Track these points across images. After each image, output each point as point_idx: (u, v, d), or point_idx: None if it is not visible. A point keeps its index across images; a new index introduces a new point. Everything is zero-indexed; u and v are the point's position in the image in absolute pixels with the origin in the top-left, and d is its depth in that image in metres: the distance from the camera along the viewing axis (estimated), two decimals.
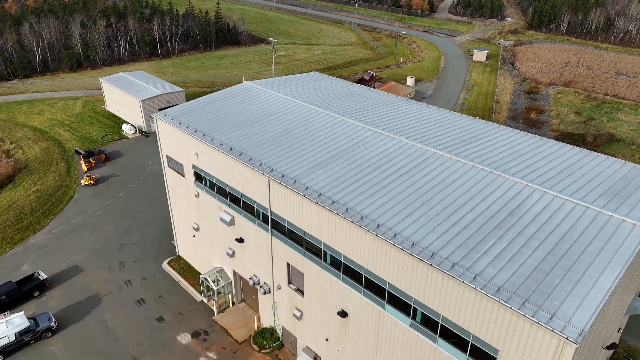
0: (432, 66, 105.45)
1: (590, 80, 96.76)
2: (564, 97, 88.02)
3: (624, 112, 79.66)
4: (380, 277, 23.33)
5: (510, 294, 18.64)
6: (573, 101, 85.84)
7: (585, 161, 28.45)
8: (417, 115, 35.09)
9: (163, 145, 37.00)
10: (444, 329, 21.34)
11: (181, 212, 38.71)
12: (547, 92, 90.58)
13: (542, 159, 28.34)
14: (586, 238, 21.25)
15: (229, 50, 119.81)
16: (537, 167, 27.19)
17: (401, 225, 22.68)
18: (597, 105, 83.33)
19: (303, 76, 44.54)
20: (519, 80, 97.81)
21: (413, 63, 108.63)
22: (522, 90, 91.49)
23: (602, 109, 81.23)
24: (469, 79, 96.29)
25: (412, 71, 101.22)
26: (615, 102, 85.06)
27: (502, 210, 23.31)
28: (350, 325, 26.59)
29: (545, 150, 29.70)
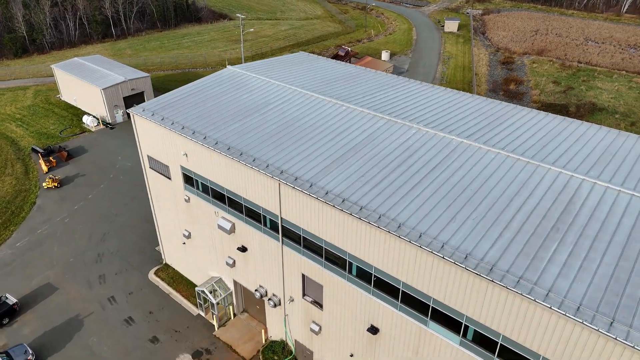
0: (405, 39, 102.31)
1: (561, 48, 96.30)
2: (540, 66, 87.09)
3: (600, 79, 79.45)
4: (422, 292, 20.48)
5: (593, 312, 16.17)
6: (549, 70, 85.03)
7: (618, 143, 26.28)
8: (426, 97, 31.99)
9: (143, 144, 32.47)
10: (504, 348, 18.82)
11: (168, 218, 34.56)
12: (523, 62, 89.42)
13: (576, 143, 25.97)
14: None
15: (190, 28, 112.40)
16: (575, 153, 24.79)
17: (446, 233, 19.78)
18: (573, 73, 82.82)
19: (290, 58, 40.46)
20: (493, 50, 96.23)
21: (384, 36, 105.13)
22: (497, 61, 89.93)
23: (578, 77, 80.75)
24: (444, 51, 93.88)
25: (385, 45, 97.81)
26: (590, 69, 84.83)
27: (554, 207, 20.76)
28: (381, 341, 23.84)
29: (574, 132, 27.34)
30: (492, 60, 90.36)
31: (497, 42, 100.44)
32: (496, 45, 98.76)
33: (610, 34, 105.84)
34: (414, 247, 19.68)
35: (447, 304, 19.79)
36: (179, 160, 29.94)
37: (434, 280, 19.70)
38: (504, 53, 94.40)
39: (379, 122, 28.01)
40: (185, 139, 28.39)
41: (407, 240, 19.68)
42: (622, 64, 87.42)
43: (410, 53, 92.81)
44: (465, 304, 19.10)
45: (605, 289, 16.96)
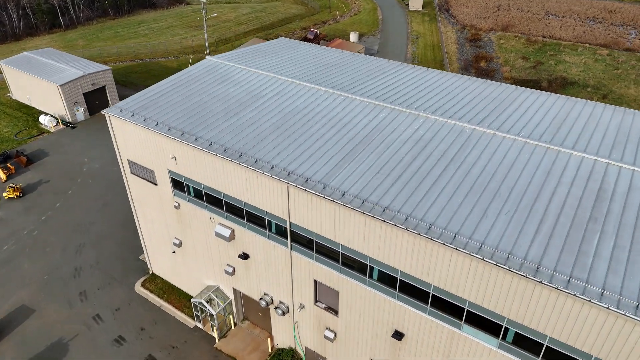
0: (371, 19, 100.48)
1: (525, 23, 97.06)
2: (507, 42, 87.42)
3: (566, 53, 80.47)
4: (457, 295, 19.18)
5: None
6: (516, 46, 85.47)
7: (627, 122, 25.66)
8: (424, 82, 30.46)
9: (122, 148, 29.47)
10: (550, 350, 17.82)
11: (154, 226, 31.84)
12: (489, 39, 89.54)
13: (587, 124, 25.15)
14: None
15: (145, 14, 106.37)
16: (591, 135, 23.95)
17: (480, 231, 18.44)
18: (539, 48, 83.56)
19: (271, 45, 37.90)
20: (459, 28, 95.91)
21: (350, 17, 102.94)
22: (465, 39, 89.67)
23: (545, 51, 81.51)
24: (412, 31, 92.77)
25: (352, 26, 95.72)
26: (555, 43, 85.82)
27: (585, 195, 19.78)
28: (406, 346, 22.53)
29: (581, 113, 26.53)
30: (460, 38, 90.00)
31: (462, 19, 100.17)
32: (462, 23, 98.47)
33: (569, 7, 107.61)
34: (449, 249, 18.26)
35: (485, 306, 18.57)
36: (167, 164, 27.28)
37: (471, 283, 18.40)
38: (470, 30, 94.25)
39: (383, 112, 26.29)
40: (173, 141, 25.76)
41: (440, 243, 18.23)
42: (584, 36, 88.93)
43: (378, 33, 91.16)
44: (507, 306, 17.92)
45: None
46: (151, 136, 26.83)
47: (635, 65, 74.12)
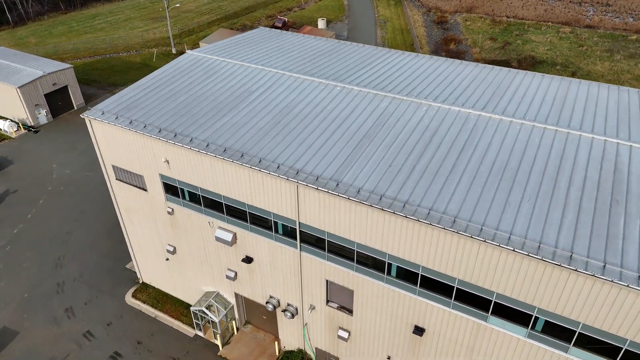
0: (336, 4, 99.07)
1: (488, 3, 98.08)
2: (473, 23, 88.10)
3: (531, 32, 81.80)
4: (484, 288, 18.75)
5: None
6: (482, 27, 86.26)
7: (623, 98, 25.84)
8: (417, 68, 29.79)
9: (105, 153, 27.46)
10: (583, 336, 17.68)
11: (144, 233, 30.06)
12: (456, 21, 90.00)
13: (587, 104, 25.12)
14: None
15: (100, 7, 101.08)
16: (593, 115, 23.90)
17: (506, 221, 17.99)
18: (505, 28, 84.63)
19: (251, 35, 36.25)
20: (425, 10, 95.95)
21: (315, 3, 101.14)
22: (431, 21, 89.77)
23: (510, 31, 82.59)
24: (378, 15, 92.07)
25: (318, 12, 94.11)
26: (519, 23, 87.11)
27: (603, 177, 19.65)
28: (427, 341, 22.07)
29: (578, 92, 26.53)
30: (427, 20, 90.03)
31: (427, 2, 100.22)
32: (427, 5, 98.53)
33: None
34: (476, 242, 17.74)
35: (514, 297, 18.22)
36: (158, 168, 25.59)
37: (500, 274, 17.98)
38: (436, 12, 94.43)
39: (383, 102, 25.45)
40: (165, 143, 24.10)
41: (467, 236, 17.67)
42: (546, 15, 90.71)
43: (345, 19, 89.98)
44: (538, 295, 17.61)
45: None
46: (140, 139, 25.04)
47: (598, 41, 76.15)
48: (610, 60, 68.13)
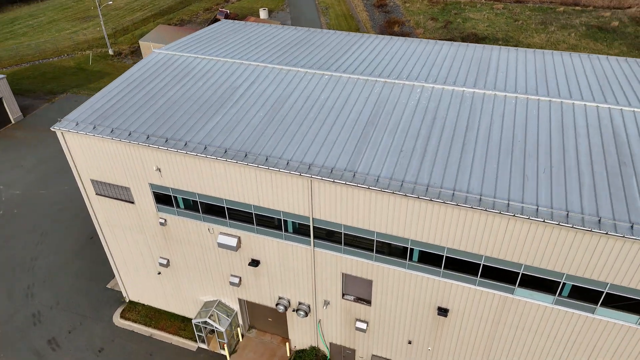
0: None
1: None
2: (412, 5, 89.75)
3: (468, 10, 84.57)
4: (512, 262, 19.06)
5: None
6: (421, 8, 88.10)
7: (587, 65, 27.17)
8: (396, 51, 29.71)
9: (82, 167, 25.16)
10: (609, 296, 18.46)
11: (129, 248, 28.04)
12: (395, 3, 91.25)
13: (568, 74, 26.15)
14: None
15: (17, 10, 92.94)
16: (577, 84, 24.90)
17: (529, 193, 18.31)
18: (443, 8, 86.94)
19: (215, 29, 34.52)
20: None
21: None
22: (372, 5, 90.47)
23: (449, 10, 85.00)
24: (319, 2, 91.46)
25: (257, 2, 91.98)
26: (455, 2, 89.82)
27: (606, 143, 20.50)
28: (450, 321, 22.26)
29: (551, 62, 27.58)
30: (367, 5, 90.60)
31: None
32: None
33: None
34: (505, 217, 17.94)
35: (542, 267, 18.67)
36: (148, 178, 23.79)
37: (529, 246, 18.33)
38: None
39: (375, 87, 25.11)
40: (156, 150, 22.39)
41: (496, 212, 17.81)
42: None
43: (286, 8, 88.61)
44: (567, 262, 18.13)
45: None
46: (125, 149, 23.11)
47: (530, 15, 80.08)
48: (546, 32, 71.92)
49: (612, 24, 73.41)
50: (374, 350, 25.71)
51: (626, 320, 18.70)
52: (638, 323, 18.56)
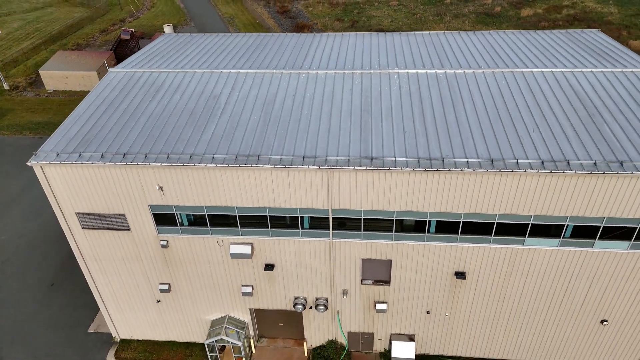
0: (172, 9, 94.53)
1: None
2: (314, 9, 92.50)
3: (369, 9, 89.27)
4: (522, 214, 21.19)
5: None
6: (324, 11, 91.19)
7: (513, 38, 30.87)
8: (353, 45, 31.18)
9: (65, 201, 23.03)
10: (605, 229, 21.30)
11: (121, 281, 26.15)
12: (298, 8, 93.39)
13: (507, 47, 29.40)
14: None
15: None
16: (523, 53, 28.13)
17: (530, 150, 20.55)
18: (344, 9, 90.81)
19: (161, 44, 33.28)
20: (264, 3, 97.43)
21: (148, 10, 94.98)
22: (276, 12, 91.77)
23: (351, 11, 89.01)
24: (222, 13, 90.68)
25: (157, 19, 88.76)
26: (354, 3, 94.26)
27: (571, 98, 23.54)
28: (467, 283, 24.00)
29: (486, 39, 30.84)
30: (271, 12, 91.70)
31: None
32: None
33: None
34: (517, 174, 19.93)
35: (549, 214, 21.01)
36: (147, 199, 22.52)
37: (537, 198, 20.51)
38: (276, 3, 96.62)
39: (355, 79, 26.21)
40: (159, 168, 21.34)
41: (509, 171, 19.76)
42: None
43: (190, 22, 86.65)
44: (570, 206, 20.61)
45: None
46: (120, 173, 21.68)
47: (424, 9, 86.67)
48: (443, 22, 78.40)
49: (495, 9, 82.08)
50: (393, 329, 26.73)
51: (619, 247, 21.71)
52: (628, 248, 21.64)
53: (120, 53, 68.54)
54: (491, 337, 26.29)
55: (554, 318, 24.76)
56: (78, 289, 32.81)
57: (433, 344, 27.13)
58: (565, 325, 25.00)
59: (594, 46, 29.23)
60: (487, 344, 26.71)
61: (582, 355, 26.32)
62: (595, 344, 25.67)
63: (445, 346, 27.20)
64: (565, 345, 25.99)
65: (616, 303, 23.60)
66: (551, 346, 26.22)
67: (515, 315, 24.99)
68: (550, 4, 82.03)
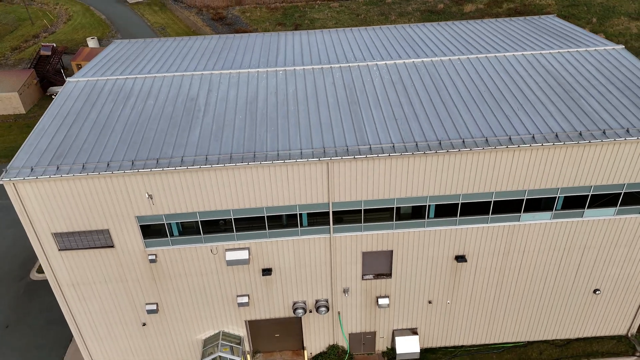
0: (93, 21, 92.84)
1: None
2: (252, 14, 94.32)
3: (310, 12, 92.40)
4: (517, 190, 23.63)
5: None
6: (262, 16, 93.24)
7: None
8: (323, 41, 33.17)
9: (40, 221, 22.76)
10: (593, 198, 24.18)
11: (102, 306, 25.91)
12: (234, 15, 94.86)
13: (462, 35, 32.54)
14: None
15: None
16: (480, 39, 31.26)
17: (517, 125, 23.10)
18: (283, 12, 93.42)
19: (116, 51, 33.46)
20: (196, 10, 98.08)
21: (64, 24, 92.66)
22: (210, 20, 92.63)
23: (292, 14, 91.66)
24: (151, 23, 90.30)
25: (76, 33, 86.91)
26: (293, 6, 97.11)
27: (546, 77, 26.61)
28: (466, 266, 26.10)
29: (442, 30, 33.97)
30: (205, 19, 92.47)
31: (192, 2, 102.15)
32: (194, 5, 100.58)
33: None
34: (510, 150, 22.33)
35: (542, 187, 23.60)
36: (135, 210, 22.80)
37: (530, 171, 23.02)
38: (208, 11, 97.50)
39: (335, 73, 27.99)
40: (149, 175, 21.80)
41: (503, 148, 22.13)
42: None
43: (117, 34, 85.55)
44: (560, 177, 23.29)
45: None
46: (105, 183, 21.89)
47: (367, 9, 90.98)
48: (389, 21, 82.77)
49: (438, 6, 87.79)
50: (395, 325, 28.30)
51: (606, 214, 24.68)
52: (615, 214, 24.66)
53: (42, 70, 66.60)
54: (491, 321, 28.50)
55: (550, 294, 27.38)
56: (38, 327, 31.77)
57: (435, 335, 28.94)
58: (561, 300, 27.69)
59: (555, 29, 32.94)
60: (488, 329, 28.89)
61: (577, 329, 29.13)
62: (589, 315, 28.56)
63: (447, 337, 29.10)
64: (562, 320, 28.69)
65: (606, 271, 26.58)
66: (548, 324, 28.83)
67: (513, 296, 27.36)
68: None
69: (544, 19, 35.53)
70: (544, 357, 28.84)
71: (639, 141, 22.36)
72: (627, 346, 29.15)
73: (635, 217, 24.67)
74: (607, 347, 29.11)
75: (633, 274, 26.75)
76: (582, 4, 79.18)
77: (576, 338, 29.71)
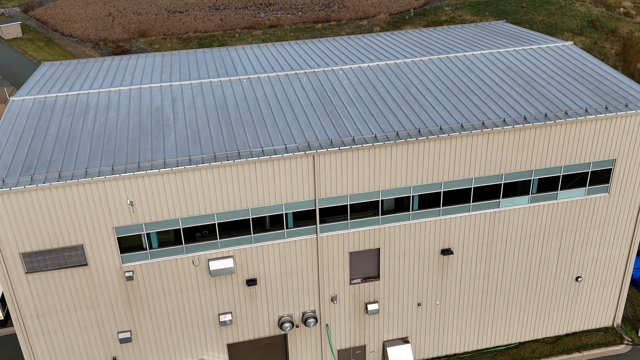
0: None
1: (157, 24, 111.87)
2: (161, 46, 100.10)
3: (229, 41, 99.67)
4: (493, 175, 30.01)
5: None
6: (173, 47, 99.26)
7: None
8: (291, 53, 39.27)
9: (7, 240, 25.82)
10: (564, 178, 31.07)
11: (68, 339, 28.71)
12: (139, 47, 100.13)
13: (431, 41, 40.10)
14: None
15: None
16: (444, 44, 38.80)
17: (490, 110, 29.81)
18: (198, 43, 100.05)
19: (49, 70, 37.59)
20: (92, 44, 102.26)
21: None
22: (111, 54, 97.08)
23: (209, 45, 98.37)
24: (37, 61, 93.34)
25: None
26: (209, 36, 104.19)
27: (511, 75, 34.03)
28: (453, 259, 31.79)
29: (410, 37, 41.53)
30: (105, 54, 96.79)
31: (83, 36, 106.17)
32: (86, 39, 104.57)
33: (184, 2, 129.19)
34: (485, 133, 28.80)
35: (517, 171, 30.17)
36: (113, 221, 26.54)
37: (505, 154, 29.55)
38: (107, 44, 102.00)
39: (301, 78, 33.86)
40: (131, 179, 25.87)
41: (478, 132, 28.57)
42: (225, 24, 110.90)
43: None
44: (533, 158, 29.99)
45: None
46: (83, 192, 25.62)
47: (295, 36, 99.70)
48: None
49: (374, 29, 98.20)
50: (385, 335, 33.09)
51: (577, 195, 31.64)
52: (585, 194, 31.66)
53: None
54: (482, 323, 34.09)
55: (535, 284, 33.57)
56: None
57: (427, 345, 33.99)
58: (546, 290, 33.94)
59: (507, 32, 41.24)
60: (479, 333, 34.41)
61: (565, 324, 35.41)
62: (575, 309, 34.99)
63: (439, 346, 34.24)
64: (550, 317, 34.89)
65: (585, 254, 33.30)
66: (537, 322, 34.89)
67: (501, 290, 33.26)
68: (429, 19, 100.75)
69: (494, 25, 44.00)
70: (536, 355, 34.63)
71: (597, 119, 29.72)
72: (615, 336, 35.69)
73: (604, 195, 31.78)
74: (595, 339, 35.47)
75: (610, 256, 33.65)
76: (523, 21, 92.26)
77: (565, 334, 35.88)
